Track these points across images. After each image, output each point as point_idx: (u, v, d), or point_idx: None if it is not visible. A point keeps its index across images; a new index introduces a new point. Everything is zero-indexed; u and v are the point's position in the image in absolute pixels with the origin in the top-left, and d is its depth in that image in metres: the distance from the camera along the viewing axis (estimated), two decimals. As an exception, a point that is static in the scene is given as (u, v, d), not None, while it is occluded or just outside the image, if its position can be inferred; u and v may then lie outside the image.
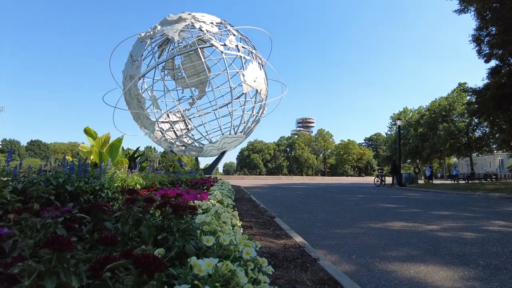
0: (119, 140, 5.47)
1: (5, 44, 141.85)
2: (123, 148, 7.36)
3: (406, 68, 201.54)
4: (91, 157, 5.03)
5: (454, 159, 57.61)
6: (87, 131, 5.98)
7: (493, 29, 16.32)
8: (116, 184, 3.75)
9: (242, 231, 3.16)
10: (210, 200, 3.40)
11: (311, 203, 7.91)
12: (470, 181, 22.81)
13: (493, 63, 17.69)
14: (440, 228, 4.59)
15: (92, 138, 5.77)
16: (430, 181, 23.00)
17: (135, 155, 7.65)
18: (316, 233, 4.09)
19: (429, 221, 5.17)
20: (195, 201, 2.85)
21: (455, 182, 24.47)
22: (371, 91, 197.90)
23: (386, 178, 20.52)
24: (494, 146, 43.57)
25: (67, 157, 15.11)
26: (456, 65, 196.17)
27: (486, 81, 18.32)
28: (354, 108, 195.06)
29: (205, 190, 5.17)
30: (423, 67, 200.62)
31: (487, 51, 17.08)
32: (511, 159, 61.35)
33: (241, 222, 3.77)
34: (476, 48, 17.61)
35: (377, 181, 19.20)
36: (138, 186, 4.30)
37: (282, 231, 3.73)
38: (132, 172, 4.75)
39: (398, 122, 20.27)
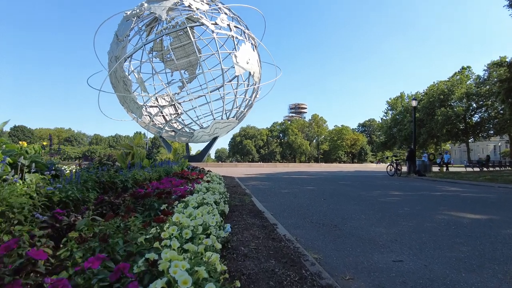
0: None
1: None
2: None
3: (400, 54, 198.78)
4: None
5: (447, 145, 55.80)
6: None
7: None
8: None
9: None
10: None
11: (350, 213, 4.89)
12: (484, 169, 20.31)
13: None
14: None
15: None
16: (446, 169, 20.41)
17: None
18: None
19: None
20: None
21: (446, 169, 21.30)
22: (365, 78, 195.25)
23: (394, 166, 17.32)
24: (491, 131, 41.66)
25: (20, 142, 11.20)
26: (452, 52, 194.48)
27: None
28: (347, 94, 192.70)
29: (162, 217, 2.02)
30: (418, 54, 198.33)
31: (527, 17, 14.07)
32: (503, 145, 59.92)
33: None
34: (513, 14, 14.53)
35: (391, 170, 16.34)
36: None
37: None
38: None
39: (414, 103, 17.15)
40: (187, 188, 3.81)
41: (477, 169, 20.72)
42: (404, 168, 18.32)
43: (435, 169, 22.02)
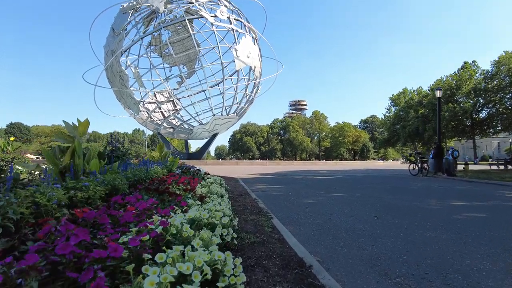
0: None
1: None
2: None
3: (400, 51, 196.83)
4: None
5: (452, 142, 53.95)
6: None
7: None
8: None
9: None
10: None
11: (446, 251, 2.76)
12: (509, 167, 18.27)
13: None
14: None
15: None
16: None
17: None
18: None
19: None
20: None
21: (459, 168, 18.28)
22: (365, 76, 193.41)
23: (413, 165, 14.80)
24: (499, 128, 39.77)
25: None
26: (453, 47, 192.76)
27: None
28: (348, 91, 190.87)
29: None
30: (418, 51, 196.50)
31: None
32: (507, 143, 57.90)
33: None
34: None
35: (413, 168, 14.23)
36: None
37: None
38: None
39: (438, 93, 14.89)
40: (142, 235, 1.47)
41: (501, 167, 18.76)
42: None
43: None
